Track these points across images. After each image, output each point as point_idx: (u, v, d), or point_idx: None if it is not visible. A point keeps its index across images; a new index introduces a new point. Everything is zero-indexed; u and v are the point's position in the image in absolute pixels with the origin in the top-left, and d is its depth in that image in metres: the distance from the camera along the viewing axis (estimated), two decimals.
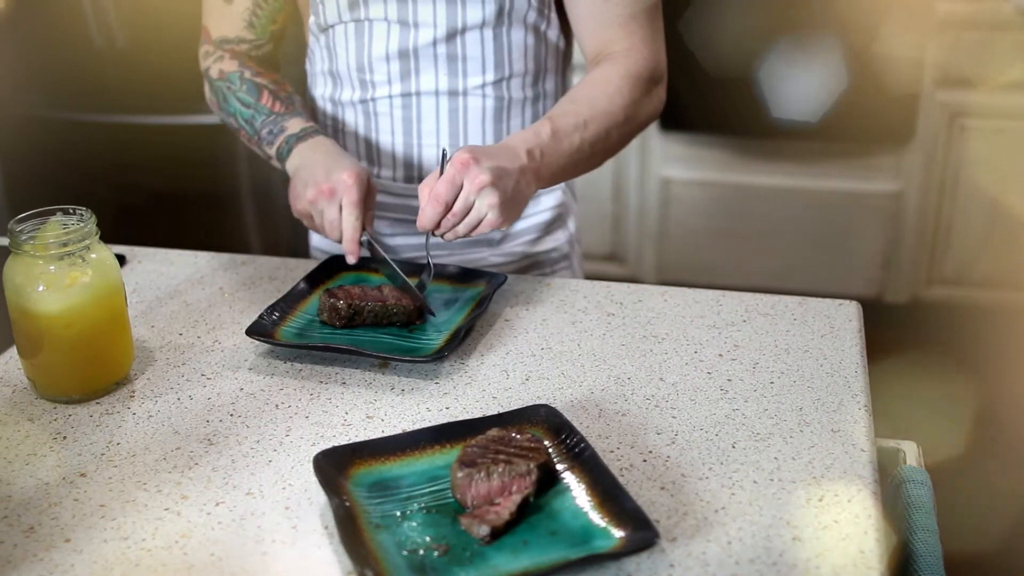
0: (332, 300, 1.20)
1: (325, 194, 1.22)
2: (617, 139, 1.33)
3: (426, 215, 1.15)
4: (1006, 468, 2.36)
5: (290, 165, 1.33)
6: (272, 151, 1.36)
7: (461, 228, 1.17)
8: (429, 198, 1.15)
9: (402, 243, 1.47)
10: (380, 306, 1.20)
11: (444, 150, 1.21)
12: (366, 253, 1.27)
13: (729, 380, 1.11)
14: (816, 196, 2.98)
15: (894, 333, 2.91)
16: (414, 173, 1.43)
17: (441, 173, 1.16)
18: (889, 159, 2.90)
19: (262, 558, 0.86)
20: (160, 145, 2.64)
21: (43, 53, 2.64)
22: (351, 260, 1.24)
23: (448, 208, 1.15)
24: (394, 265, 1.26)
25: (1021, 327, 2.71)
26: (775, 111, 2.82)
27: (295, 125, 1.35)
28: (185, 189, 2.67)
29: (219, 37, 1.42)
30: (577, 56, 1.49)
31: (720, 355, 1.16)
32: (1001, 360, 2.65)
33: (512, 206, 1.18)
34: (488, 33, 1.34)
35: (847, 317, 1.24)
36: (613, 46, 1.35)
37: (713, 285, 1.40)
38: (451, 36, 1.33)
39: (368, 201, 1.25)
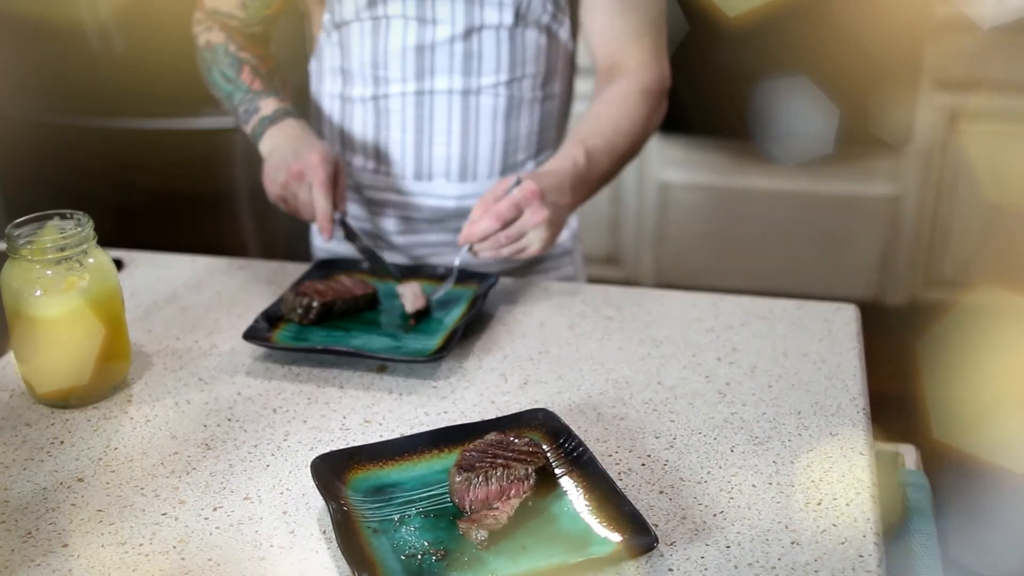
0: (302, 298, 1.21)
1: (295, 176, 1.27)
2: (633, 156, 1.39)
3: (480, 227, 1.18)
4: (1005, 471, 2.36)
5: (263, 148, 1.36)
6: (248, 130, 1.39)
7: (505, 251, 1.20)
8: (488, 213, 1.17)
9: (410, 241, 1.47)
10: (349, 298, 1.23)
11: (519, 178, 1.21)
12: (341, 233, 1.32)
13: (727, 384, 1.11)
14: (814, 199, 2.98)
15: (892, 336, 2.91)
16: (423, 171, 1.43)
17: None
18: (887, 162, 2.90)
19: (260, 563, 0.86)
20: (158, 148, 2.63)
21: (40, 57, 2.63)
22: (325, 237, 1.28)
23: (503, 227, 1.18)
24: (366, 241, 1.31)
25: (1019, 329, 2.71)
26: (771, 118, 2.82)
27: (268, 106, 1.37)
28: (183, 192, 2.66)
29: (212, 7, 1.43)
30: (582, 59, 1.50)
31: (718, 359, 1.16)
32: (999, 362, 2.65)
33: (552, 240, 1.23)
34: (504, 33, 1.36)
35: (845, 320, 1.24)
36: (626, 59, 1.40)
37: (711, 288, 1.40)
38: (468, 34, 1.35)
39: (338, 180, 1.29)
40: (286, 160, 1.29)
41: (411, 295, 1.24)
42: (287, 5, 1.45)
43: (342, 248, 1.50)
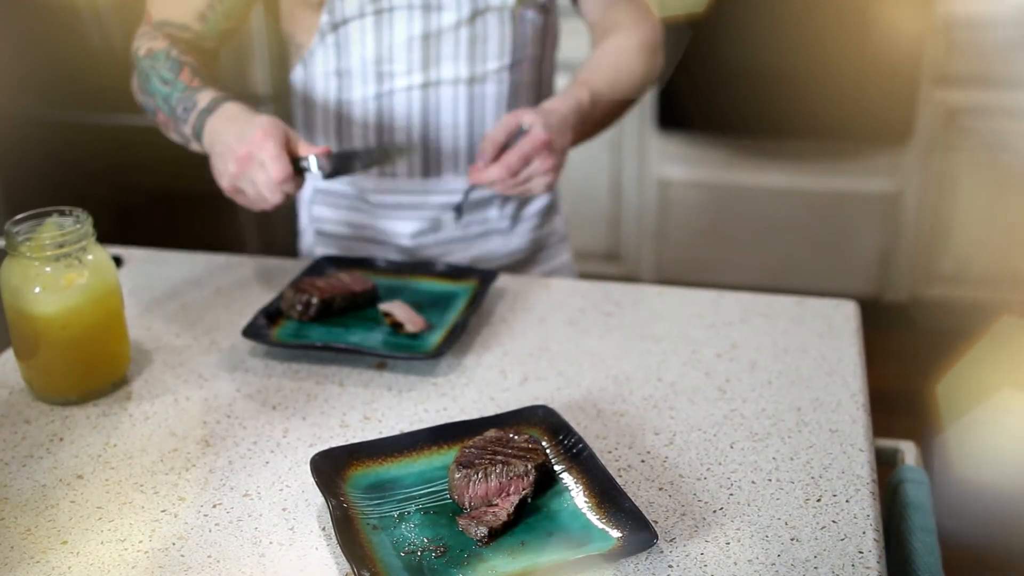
0: (301, 295, 1.21)
1: (244, 161, 1.14)
2: (631, 104, 1.45)
3: (490, 175, 1.24)
4: (1005, 467, 2.36)
5: (206, 144, 1.23)
6: (189, 130, 1.25)
7: (511, 192, 1.26)
8: (499, 163, 1.23)
9: (421, 242, 1.46)
10: (348, 295, 1.23)
11: (522, 125, 1.25)
12: (321, 173, 1.18)
13: (727, 380, 1.11)
14: (814, 195, 2.98)
15: (892, 332, 2.91)
16: (431, 167, 1.43)
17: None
18: (887, 158, 2.90)
19: (259, 560, 0.86)
20: (157, 145, 2.62)
21: (40, 53, 2.63)
22: (288, 190, 1.15)
23: (512, 175, 1.23)
24: (357, 150, 1.26)
25: (1019, 326, 2.71)
26: (773, 110, 2.82)
27: (205, 98, 1.23)
28: (182, 190, 2.66)
29: (162, 19, 1.32)
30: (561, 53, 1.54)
31: (718, 355, 1.16)
32: (1000, 359, 2.65)
33: (555, 183, 1.29)
34: (507, 14, 1.36)
35: (845, 316, 1.24)
36: (619, 18, 1.45)
37: (711, 284, 1.40)
38: (472, 18, 1.35)
39: (291, 145, 1.17)
40: (230, 146, 1.16)
41: (406, 317, 1.20)
42: (245, 19, 1.38)
43: (330, 247, 1.50)
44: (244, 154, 1.14)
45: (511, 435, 0.94)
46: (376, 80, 1.38)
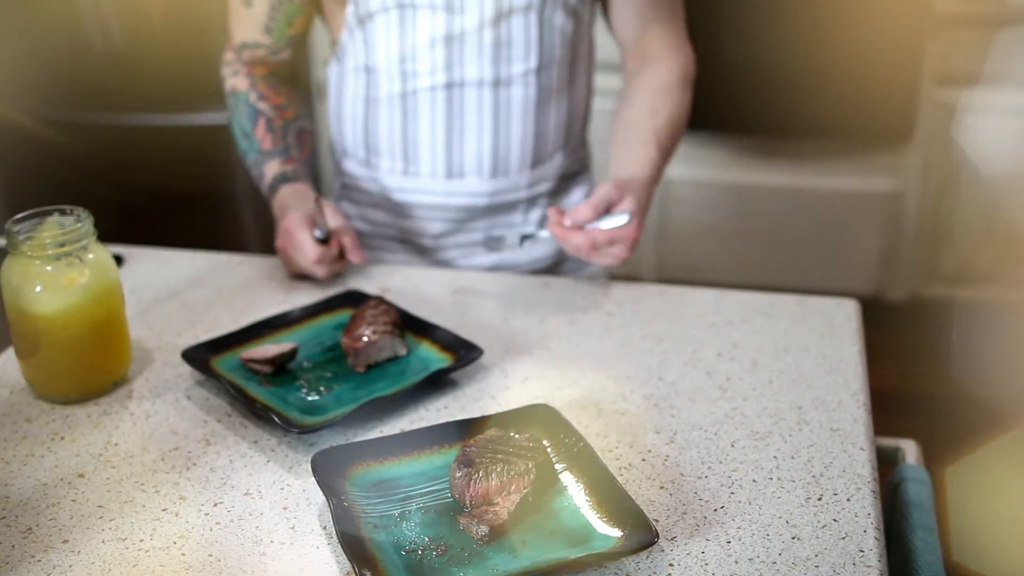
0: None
1: (282, 251, 1.34)
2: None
3: (573, 240, 1.21)
4: (1006, 466, 2.36)
5: (274, 213, 1.41)
6: (264, 192, 1.44)
7: (578, 255, 1.24)
8: (587, 235, 1.21)
9: (442, 243, 1.46)
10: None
11: (624, 214, 1.23)
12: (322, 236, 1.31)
13: (728, 379, 1.11)
14: (815, 194, 2.98)
15: (893, 331, 2.91)
16: (454, 169, 1.42)
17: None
18: (888, 157, 2.90)
19: (260, 559, 0.86)
20: (158, 145, 2.63)
21: (41, 54, 2.63)
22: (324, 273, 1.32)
23: (591, 249, 1.22)
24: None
25: (1021, 325, 2.71)
26: (774, 110, 2.82)
27: (270, 172, 1.42)
28: (183, 189, 2.66)
29: (239, 42, 1.43)
30: (599, 54, 1.51)
31: (719, 354, 1.16)
32: (1000, 358, 2.65)
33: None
34: (532, 17, 1.35)
35: (846, 315, 1.24)
36: (653, 41, 1.44)
37: (712, 283, 1.40)
38: (496, 20, 1.34)
39: (319, 218, 1.32)
40: (280, 228, 1.35)
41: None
42: (309, 20, 1.43)
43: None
44: (280, 246, 1.35)
45: (512, 434, 0.94)
46: (401, 79, 1.38)
